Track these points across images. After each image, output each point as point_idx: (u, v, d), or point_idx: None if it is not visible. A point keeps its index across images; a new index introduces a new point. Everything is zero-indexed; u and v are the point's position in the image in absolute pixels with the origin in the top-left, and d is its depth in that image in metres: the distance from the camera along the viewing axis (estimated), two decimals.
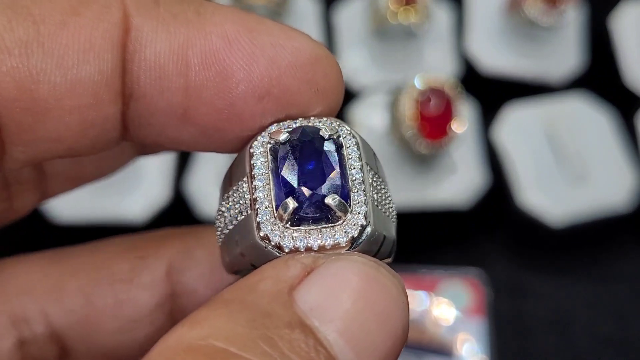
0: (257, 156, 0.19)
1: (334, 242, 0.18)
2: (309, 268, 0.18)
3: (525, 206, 0.50)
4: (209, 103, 0.20)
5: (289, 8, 0.53)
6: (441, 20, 0.55)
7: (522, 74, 0.54)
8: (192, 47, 0.19)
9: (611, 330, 0.51)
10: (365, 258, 0.18)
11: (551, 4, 0.51)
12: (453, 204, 0.51)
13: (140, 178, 0.51)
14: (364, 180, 0.19)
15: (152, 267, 0.24)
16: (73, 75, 0.19)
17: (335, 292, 0.17)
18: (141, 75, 0.20)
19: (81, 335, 0.24)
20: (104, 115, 0.20)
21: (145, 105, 0.20)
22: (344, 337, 0.17)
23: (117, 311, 0.24)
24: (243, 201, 0.19)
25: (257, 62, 0.19)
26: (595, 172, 0.51)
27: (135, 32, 0.19)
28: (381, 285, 0.18)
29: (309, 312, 0.17)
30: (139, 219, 0.50)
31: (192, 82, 0.20)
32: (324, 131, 0.19)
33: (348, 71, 0.54)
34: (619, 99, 0.54)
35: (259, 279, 0.18)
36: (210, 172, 0.50)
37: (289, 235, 0.19)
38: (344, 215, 0.19)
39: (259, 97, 0.20)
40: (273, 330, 0.16)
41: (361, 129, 0.51)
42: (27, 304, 0.23)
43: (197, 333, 0.16)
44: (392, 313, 0.18)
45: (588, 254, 0.53)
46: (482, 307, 0.51)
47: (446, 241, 0.54)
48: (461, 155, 0.51)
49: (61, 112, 0.19)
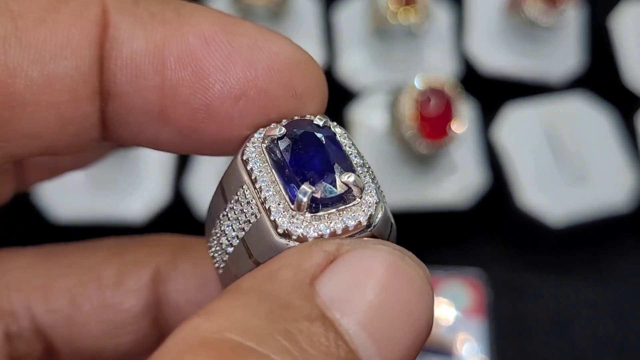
0: (253, 160, 0.19)
1: (355, 222, 0.18)
2: (332, 256, 0.17)
3: (525, 206, 0.50)
4: (185, 102, 0.20)
5: (289, 8, 0.53)
6: (441, 20, 0.55)
7: (522, 74, 0.54)
8: (169, 46, 0.19)
9: (611, 330, 0.51)
10: (390, 246, 0.18)
11: (551, 4, 0.51)
12: (453, 204, 0.51)
13: (140, 178, 0.51)
14: (364, 163, 0.19)
15: (140, 274, 0.24)
16: (50, 70, 0.19)
17: (358, 283, 0.17)
18: (118, 73, 0.20)
19: (66, 336, 0.24)
20: (82, 113, 0.20)
21: (122, 104, 0.20)
22: (366, 330, 0.17)
23: (102, 315, 0.24)
24: (248, 208, 0.19)
25: (234, 63, 0.19)
26: (595, 172, 0.51)
27: (112, 29, 0.19)
28: (407, 276, 0.17)
29: (330, 303, 0.17)
30: (138, 219, 0.50)
31: (168, 81, 0.20)
32: (317, 120, 0.19)
33: (348, 71, 0.54)
34: (619, 99, 0.54)
35: (279, 267, 0.17)
36: (210, 172, 0.50)
37: (309, 224, 0.18)
38: (361, 192, 0.18)
39: (235, 98, 0.20)
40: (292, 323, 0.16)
41: (361, 129, 0.51)
42: (14, 299, 0.23)
43: (213, 325, 0.16)
44: (417, 306, 0.17)
45: (588, 254, 0.53)
46: (482, 307, 0.51)
47: (446, 241, 0.54)
48: (461, 155, 0.51)
49: (38, 107, 0.19)
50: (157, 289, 0.24)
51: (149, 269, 0.24)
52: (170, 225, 0.51)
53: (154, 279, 0.24)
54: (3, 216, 0.53)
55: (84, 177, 0.50)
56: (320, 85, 0.21)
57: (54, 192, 0.50)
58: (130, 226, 0.50)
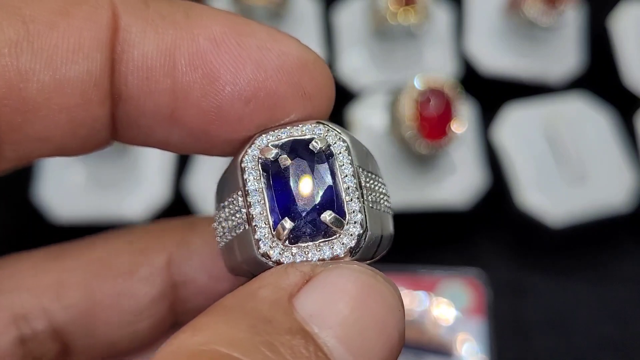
0: (249, 171, 0.19)
1: (332, 254, 0.19)
2: (307, 276, 0.18)
3: (525, 206, 0.50)
4: (196, 105, 0.20)
5: (289, 8, 0.53)
6: (441, 21, 0.55)
7: (522, 74, 0.54)
8: (180, 48, 0.20)
9: (611, 330, 0.51)
10: (362, 266, 0.19)
11: (550, 5, 0.51)
12: (453, 204, 0.51)
13: (140, 178, 0.51)
14: (358, 185, 0.19)
15: (152, 260, 0.24)
16: (62, 74, 0.19)
17: (333, 300, 0.18)
18: (129, 76, 0.20)
19: (82, 330, 0.24)
20: (93, 115, 0.20)
21: (134, 106, 0.20)
22: (343, 344, 0.17)
23: (118, 304, 0.24)
24: (239, 215, 0.20)
25: (244, 65, 0.20)
26: (595, 172, 0.51)
27: (123, 33, 0.20)
28: (378, 293, 0.18)
29: (308, 318, 0.17)
30: (139, 218, 0.50)
31: (179, 84, 0.20)
32: (313, 144, 0.19)
33: (348, 71, 0.54)
34: (618, 99, 0.54)
35: (258, 286, 0.18)
36: (210, 172, 0.50)
37: (288, 253, 0.19)
38: (340, 229, 0.19)
39: (246, 100, 0.20)
40: (274, 336, 0.17)
41: (361, 129, 0.51)
42: (27, 301, 0.23)
43: (199, 339, 0.17)
44: (389, 320, 0.18)
45: (588, 254, 0.53)
46: (482, 307, 0.51)
47: (446, 241, 0.54)
48: (461, 155, 0.51)
49: (50, 111, 0.19)
50: (172, 272, 0.24)
51: (161, 254, 0.24)
52: None
53: (167, 263, 0.24)
54: (3, 216, 0.53)
55: (84, 177, 0.50)
56: (328, 84, 0.21)
57: (54, 192, 0.50)
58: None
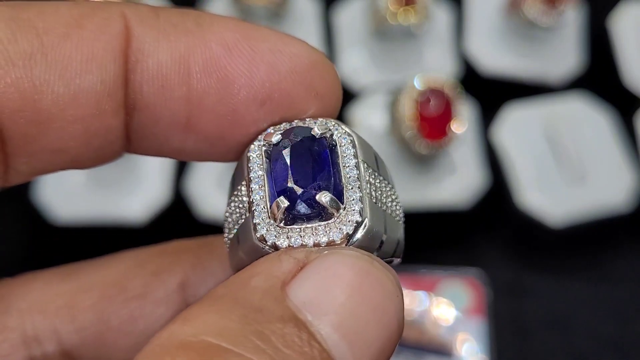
0: (253, 160, 0.20)
1: (328, 239, 0.19)
2: (301, 263, 0.18)
3: (525, 206, 0.50)
4: (211, 110, 0.20)
5: (289, 8, 0.53)
6: (441, 21, 0.55)
7: (522, 74, 0.54)
8: (193, 55, 0.20)
9: (611, 330, 0.51)
10: (358, 252, 0.18)
11: (550, 5, 0.51)
12: (453, 204, 0.51)
13: (140, 178, 0.51)
14: (359, 177, 0.19)
15: (166, 283, 0.24)
16: (76, 85, 0.19)
17: (328, 286, 0.17)
18: (144, 85, 0.20)
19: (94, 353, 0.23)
20: (107, 125, 0.20)
21: (149, 115, 0.20)
22: (338, 331, 0.17)
23: (131, 328, 0.23)
24: (242, 205, 0.20)
25: (258, 68, 0.20)
26: (595, 172, 0.51)
27: (136, 42, 0.20)
28: (375, 279, 0.18)
29: (302, 306, 0.17)
30: (139, 219, 0.50)
31: (194, 90, 0.20)
32: (315, 130, 0.20)
33: (348, 71, 0.54)
34: (618, 99, 0.54)
35: (251, 275, 0.18)
36: (211, 172, 0.50)
37: (283, 235, 0.19)
38: (337, 212, 0.19)
39: (261, 102, 0.20)
40: (265, 325, 0.16)
41: (361, 129, 0.51)
42: (39, 323, 0.23)
43: (189, 329, 0.16)
44: (387, 307, 0.18)
45: (588, 254, 0.53)
46: (481, 307, 0.51)
47: (446, 241, 0.54)
48: (461, 155, 0.51)
49: (64, 122, 0.19)
50: (186, 294, 0.24)
51: (175, 276, 0.24)
52: (170, 225, 0.51)
53: (181, 285, 0.24)
54: (3, 216, 0.53)
55: (84, 177, 0.50)
56: (337, 83, 0.21)
57: (54, 192, 0.50)
58: (130, 226, 0.50)
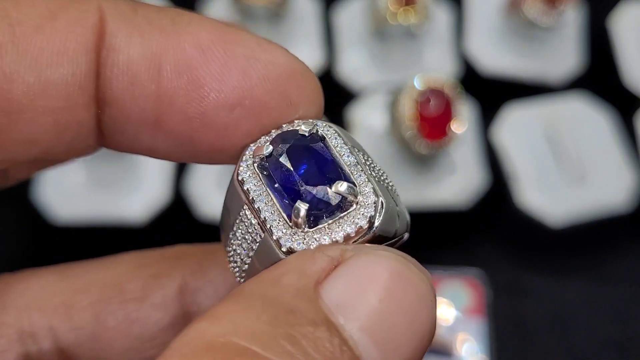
0: (248, 180, 0.19)
1: (355, 227, 0.18)
2: (335, 261, 0.17)
3: (524, 206, 0.50)
4: (180, 111, 0.20)
5: (289, 8, 0.53)
6: (441, 21, 0.55)
7: (522, 74, 0.54)
8: (165, 54, 0.20)
9: (611, 331, 0.51)
10: (394, 252, 0.18)
11: (550, 5, 0.51)
12: (453, 204, 0.51)
13: (140, 178, 0.51)
14: (358, 162, 0.19)
15: (165, 287, 0.24)
16: (46, 76, 0.19)
17: (363, 288, 0.17)
18: (114, 80, 0.20)
19: (90, 354, 0.23)
20: (78, 119, 0.20)
21: (119, 111, 0.20)
22: (370, 336, 0.17)
23: (128, 330, 0.23)
24: (252, 229, 0.19)
25: (230, 72, 0.20)
26: (595, 172, 0.51)
27: (109, 37, 0.20)
28: (410, 282, 0.17)
29: (334, 309, 0.17)
30: (139, 219, 0.50)
31: (163, 89, 0.20)
32: (303, 129, 0.19)
33: (348, 71, 0.54)
34: (618, 99, 0.54)
35: (283, 272, 0.17)
36: (211, 172, 0.50)
37: (310, 238, 0.18)
38: (355, 198, 0.18)
39: (230, 107, 0.20)
40: (296, 328, 0.16)
41: (361, 129, 0.51)
42: (36, 320, 0.23)
43: (217, 329, 0.16)
44: (420, 312, 0.17)
45: (588, 254, 0.53)
46: (481, 307, 0.51)
47: (446, 241, 0.54)
48: (461, 155, 0.51)
49: (35, 113, 0.19)
50: (185, 300, 0.24)
51: (174, 281, 0.24)
52: (171, 226, 0.51)
53: (180, 290, 0.24)
54: (3, 216, 0.53)
55: (84, 177, 0.50)
56: (315, 94, 0.21)
57: (54, 192, 0.50)
58: (130, 226, 0.50)
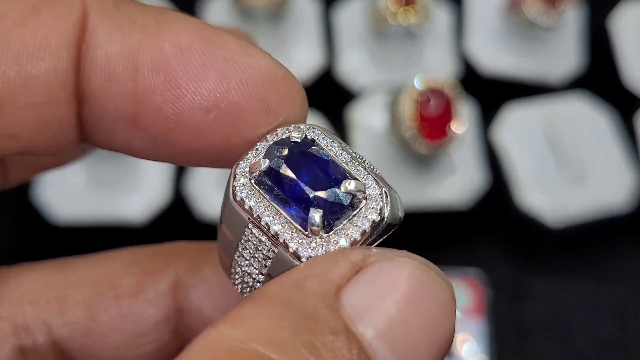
0: (248, 199, 0.19)
1: (370, 222, 0.18)
2: (357, 266, 0.17)
3: (524, 206, 0.50)
4: (156, 110, 0.20)
5: (289, 8, 0.53)
6: (441, 21, 0.55)
7: (522, 74, 0.54)
8: (143, 53, 0.20)
9: (611, 331, 0.51)
10: (416, 259, 0.18)
11: (550, 5, 0.51)
12: (453, 204, 0.51)
13: (140, 178, 0.51)
14: (353, 158, 0.19)
15: (158, 283, 0.24)
16: (27, 71, 0.19)
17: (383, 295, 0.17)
18: (92, 76, 0.20)
19: (83, 348, 0.23)
20: (59, 114, 0.20)
21: (96, 107, 0.20)
22: (389, 345, 0.17)
23: (121, 325, 0.23)
24: (262, 246, 0.19)
25: (207, 74, 0.19)
26: (595, 172, 0.51)
27: (90, 33, 0.20)
28: (431, 290, 0.17)
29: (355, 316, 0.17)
30: (139, 219, 0.50)
31: (140, 88, 0.20)
32: (294, 135, 0.19)
33: (348, 71, 0.54)
34: (618, 99, 0.54)
35: (305, 276, 0.17)
36: (211, 172, 0.50)
37: (328, 243, 0.18)
38: (364, 193, 0.18)
39: (207, 109, 0.20)
40: (317, 336, 0.16)
41: (361, 129, 0.51)
42: (30, 313, 0.23)
43: (239, 334, 0.16)
44: (440, 321, 0.17)
45: (588, 254, 0.53)
46: (481, 308, 0.51)
47: (446, 241, 0.54)
48: (461, 155, 0.51)
49: (15, 108, 0.19)
50: (178, 296, 0.24)
51: (168, 277, 0.24)
52: (170, 225, 0.51)
53: (173, 286, 0.24)
54: (3, 216, 0.53)
55: (84, 177, 0.50)
56: (297, 101, 0.20)
57: (54, 192, 0.50)
58: (130, 226, 0.50)
